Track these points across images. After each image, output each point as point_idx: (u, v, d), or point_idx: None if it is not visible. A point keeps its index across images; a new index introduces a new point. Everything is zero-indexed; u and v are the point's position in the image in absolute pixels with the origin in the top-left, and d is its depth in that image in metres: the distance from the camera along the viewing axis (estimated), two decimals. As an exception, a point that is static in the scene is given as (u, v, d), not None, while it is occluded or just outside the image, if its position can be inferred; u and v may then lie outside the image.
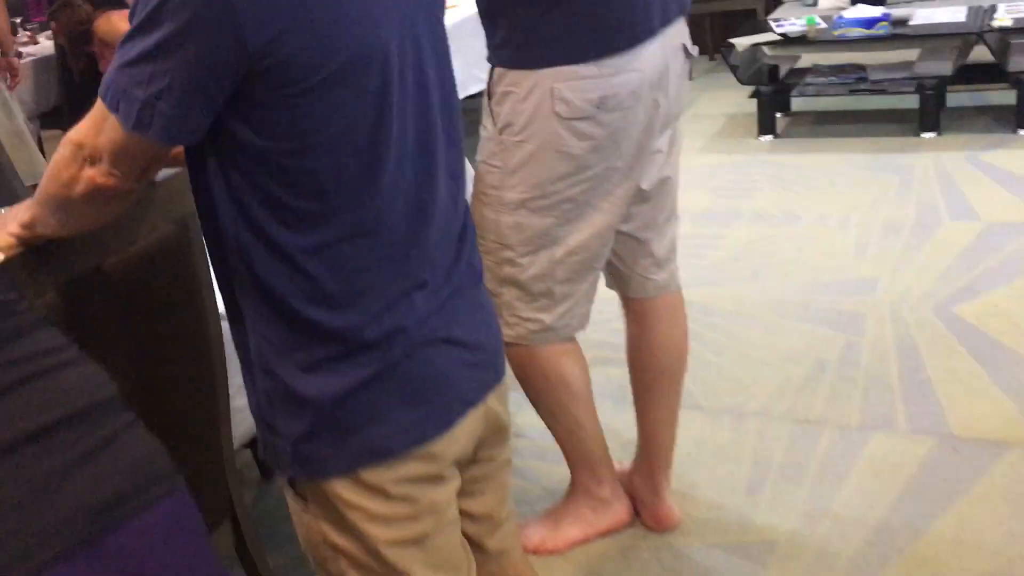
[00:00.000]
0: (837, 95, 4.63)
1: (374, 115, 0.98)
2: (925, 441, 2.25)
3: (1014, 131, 4.17)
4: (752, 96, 4.68)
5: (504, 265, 1.72)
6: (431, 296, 1.09)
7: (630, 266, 1.92)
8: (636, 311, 1.98)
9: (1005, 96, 4.44)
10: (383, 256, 1.04)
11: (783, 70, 4.78)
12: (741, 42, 4.50)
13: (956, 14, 4.28)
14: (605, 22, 1.57)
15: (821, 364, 2.63)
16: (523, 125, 1.62)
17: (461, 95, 3.22)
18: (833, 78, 4.58)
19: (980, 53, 4.36)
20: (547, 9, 1.55)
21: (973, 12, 4.30)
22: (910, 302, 2.89)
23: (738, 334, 2.86)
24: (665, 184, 1.85)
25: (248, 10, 0.88)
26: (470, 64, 3.79)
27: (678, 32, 1.71)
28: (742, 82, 4.66)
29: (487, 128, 1.70)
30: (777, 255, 3.36)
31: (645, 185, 1.80)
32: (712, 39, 6.09)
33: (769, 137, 4.61)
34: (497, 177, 1.68)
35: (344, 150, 0.97)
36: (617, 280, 1.97)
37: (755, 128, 4.67)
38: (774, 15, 5.16)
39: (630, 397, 2.08)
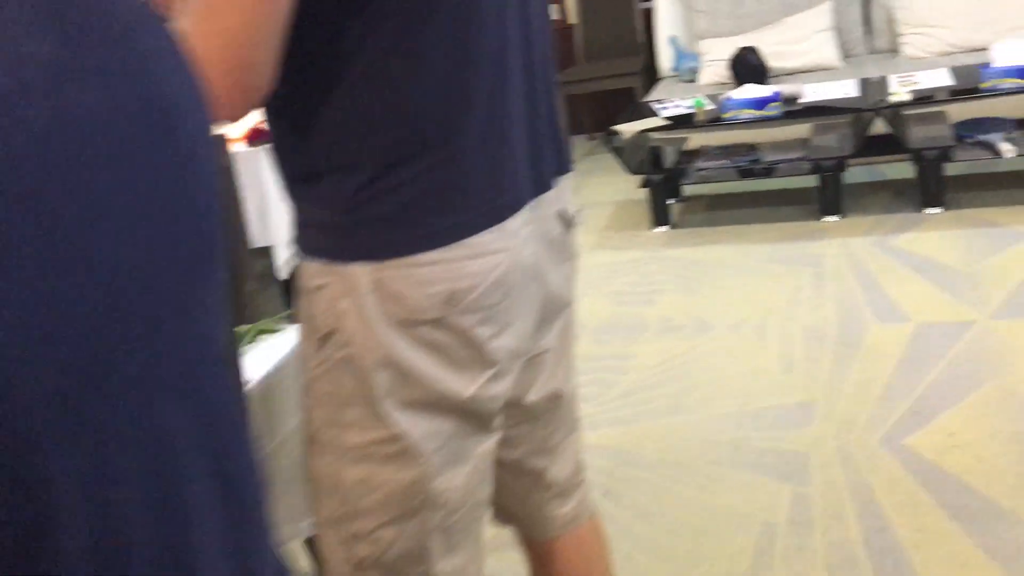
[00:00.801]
0: (730, 180, 4.34)
1: None
2: (913, 638, 1.85)
3: (918, 210, 3.94)
4: (642, 185, 4.34)
5: (358, 543, 1.13)
6: None
7: (523, 502, 1.38)
8: (538, 553, 1.44)
9: (902, 170, 4.23)
10: None
11: (670, 152, 4.47)
12: (626, 128, 4.17)
13: (848, 89, 4.05)
14: (457, 192, 1.04)
15: (770, 529, 2.22)
16: (351, 332, 1.06)
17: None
18: (725, 161, 4.28)
19: (874, 125, 4.14)
20: (379, 175, 1.01)
21: (865, 86, 4.08)
22: (855, 434, 2.51)
23: (666, 490, 2.43)
24: (559, 397, 1.32)
25: None
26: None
27: (556, 196, 1.20)
28: (631, 171, 4.32)
29: (302, 343, 1.13)
30: (695, 376, 2.97)
31: (531, 397, 1.27)
32: (589, 119, 5.79)
33: (664, 228, 4.27)
34: (330, 410, 1.10)
35: None
36: (508, 518, 1.43)
37: (647, 218, 4.33)
38: (655, 94, 4.88)
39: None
